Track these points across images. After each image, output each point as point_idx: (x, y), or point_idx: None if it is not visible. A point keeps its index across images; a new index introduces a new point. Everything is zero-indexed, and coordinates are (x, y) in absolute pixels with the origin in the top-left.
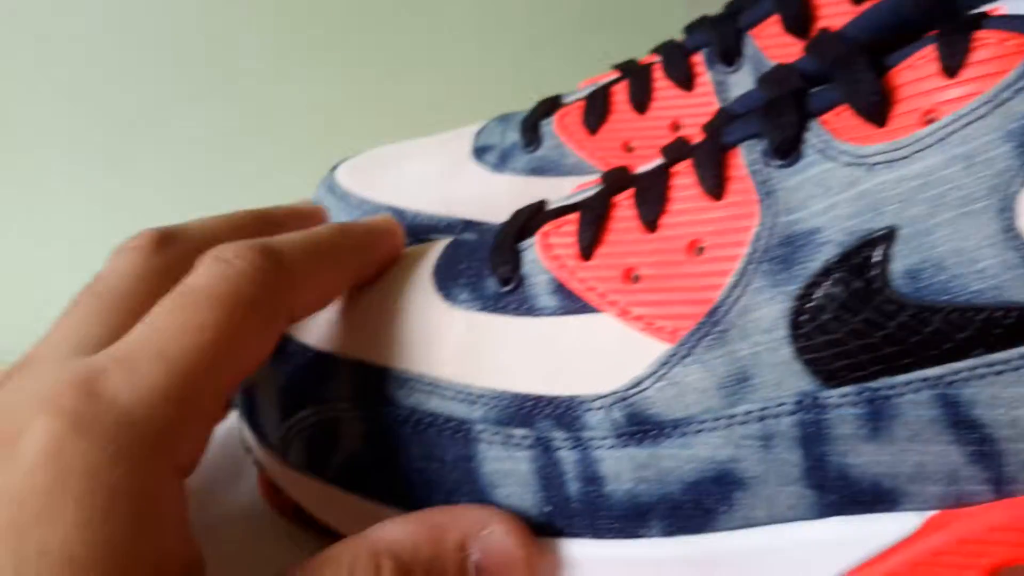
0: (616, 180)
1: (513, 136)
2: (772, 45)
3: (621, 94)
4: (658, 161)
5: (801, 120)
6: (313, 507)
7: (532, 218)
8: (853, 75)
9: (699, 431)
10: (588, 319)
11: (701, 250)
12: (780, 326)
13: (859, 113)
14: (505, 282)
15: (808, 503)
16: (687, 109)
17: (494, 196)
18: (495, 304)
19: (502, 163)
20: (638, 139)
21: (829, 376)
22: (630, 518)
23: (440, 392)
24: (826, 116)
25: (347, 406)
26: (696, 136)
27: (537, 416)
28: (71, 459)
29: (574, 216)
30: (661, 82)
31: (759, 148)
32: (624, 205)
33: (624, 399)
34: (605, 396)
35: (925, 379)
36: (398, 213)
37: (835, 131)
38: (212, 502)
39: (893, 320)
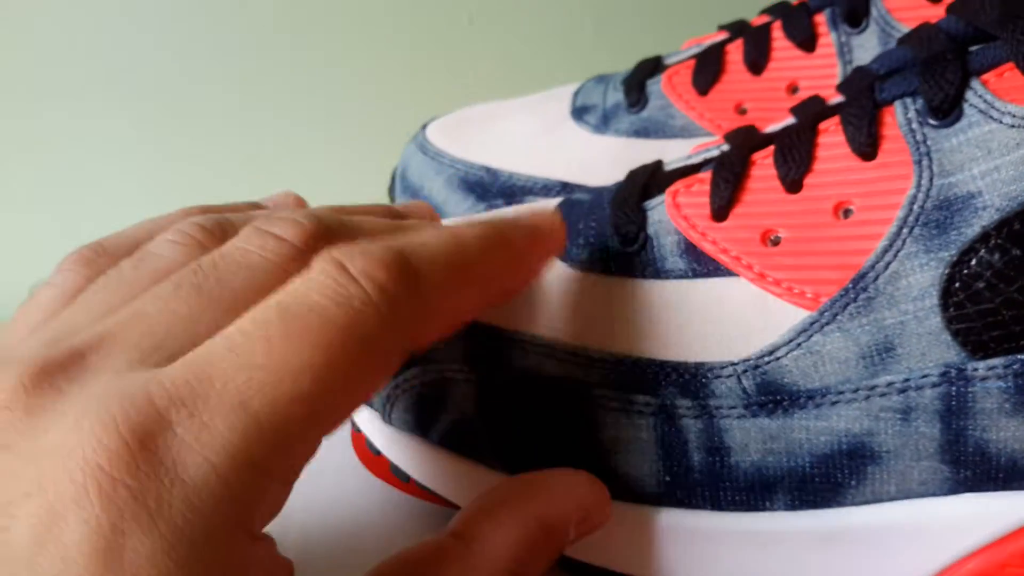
0: (749, 138)
1: (616, 96)
2: (901, 7)
3: (735, 54)
4: (788, 121)
5: (963, 78)
6: (414, 469)
7: (653, 177)
8: (1021, 33)
9: (835, 403)
10: (720, 282)
11: (848, 212)
12: (931, 294)
13: None
14: (629, 242)
15: (941, 478)
16: (806, 71)
17: (594, 158)
18: (618, 265)
19: (604, 124)
20: (752, 101)
21: (978, 347)
22: (755, 490)
23: (556, 355)
24: (988, 75)
25: (459, 367)
26: (829, 97)
27: (661, 383)
28: (128, 563)
29: (706, 175)
30: (780, 42)
31: (915, 107)
32: (763, 164)
33: (757, 367)
34: (736, 364)
35: None
36: (492, 173)
37: (998, 91)
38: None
39: None
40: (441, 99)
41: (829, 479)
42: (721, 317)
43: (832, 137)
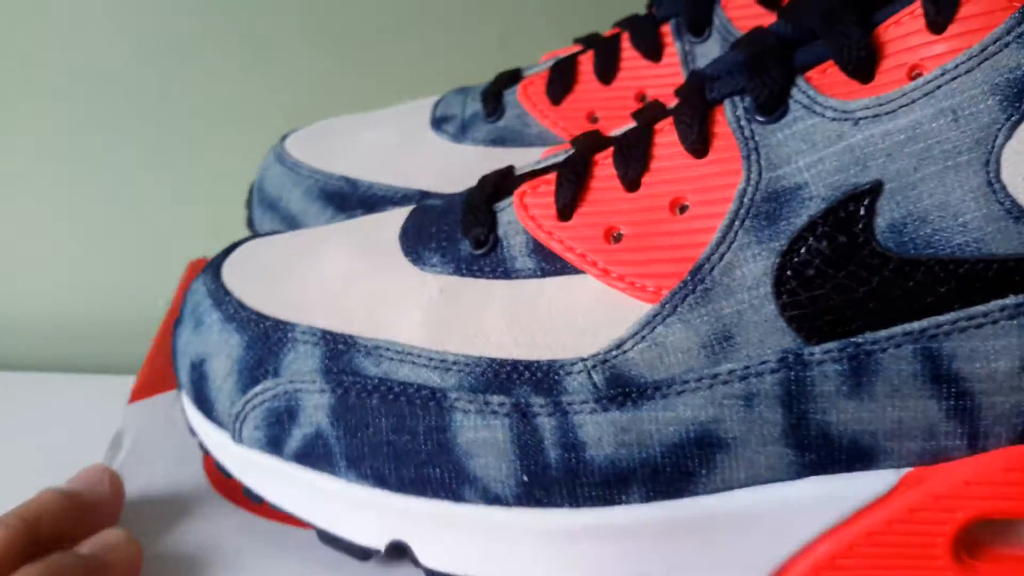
0: (593, 141)
1: (474, 106)
2: (742, 16)
3: (586, 64)
4: (630, 125)
5: (787, 75)
6: (267, 489)
7: (503, 181)
8: (840, 31)
9: (681, 392)
10: (568, 280)
11: (684, 208)
12: (764, 283)
13: (845, 69)
14: (479, 244)
15: (787, 463)
16: (653, 79)
17: (453, 166)
18: (469, 267)
19: (462, 133)
20: (603, 109)
21: (812, 333)
22: (610, 484)
23: (411, 360)
24: (811, 73)
25: (311, 378)
26: (668, 102)
27: (515, 382)
28: None
29: (551, 176)
30: (628, 52)
31: (743, 104)
32: (604, 164)
33: (605, 361)
34: (586, 359)
35: (907, 333)
36: (351, 183)
37: (820, 87)
38: (156, 489)
39: (877, 275)
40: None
41: (680, 468)
42: (570, 314)
43: (667, 137)
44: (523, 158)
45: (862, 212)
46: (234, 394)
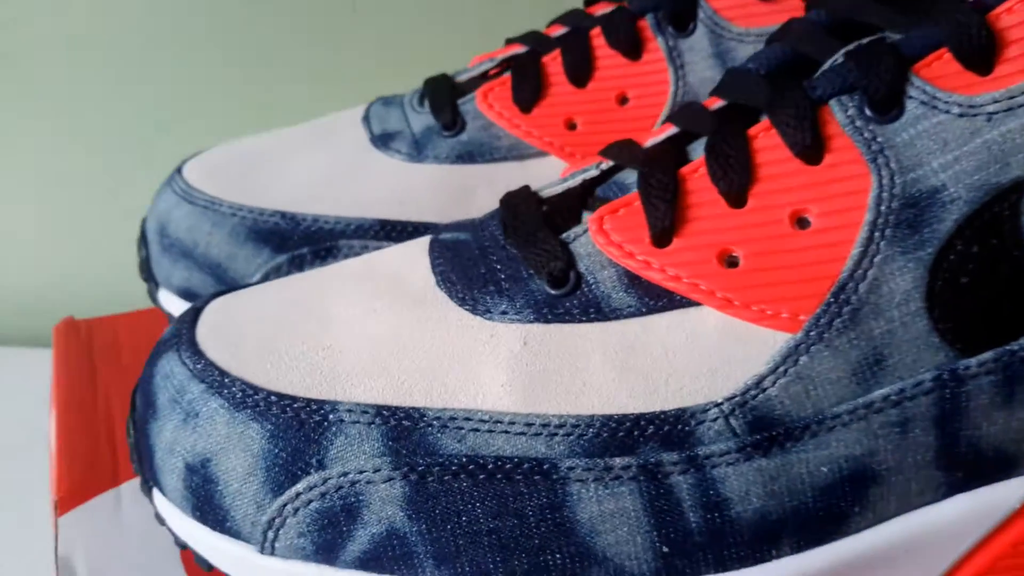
0: (662, 154)
1: (424, 120)
2: (728, 6)
3: (555, 66)
4: (671, 131)
5: (900, 69)
6: None
7: (542, 205)
8: (955, 18)
9: (833, 427)
10: (680, 315)
11: (806, 222)
12: (915, 297)
13: (964, 60)
14: (558, 282)
15: (936, 485)
16: (634, 79)
17: (414, 190)
18: (552, 311)
19: (418, 152)
20: (581, 115)
21: (968, 344)
22: (760, 540)
23: (504, 429)
24: (919, 65)
25: (371, 466)
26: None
27: (639, 440)
28: None
29: (630, 198)
30: (603, 50)
31: (853, 103)
32: (697, 179)
33: (744, 403)
34: (720, 403)
35: None
36: (290, 219)
37: (935, 80)
38: None
39: None
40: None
41: (833, 511)
42: (691, 353)
43: (767, 142)
44: (495, 175)
45: (1007, 212)
46: (261, 497)
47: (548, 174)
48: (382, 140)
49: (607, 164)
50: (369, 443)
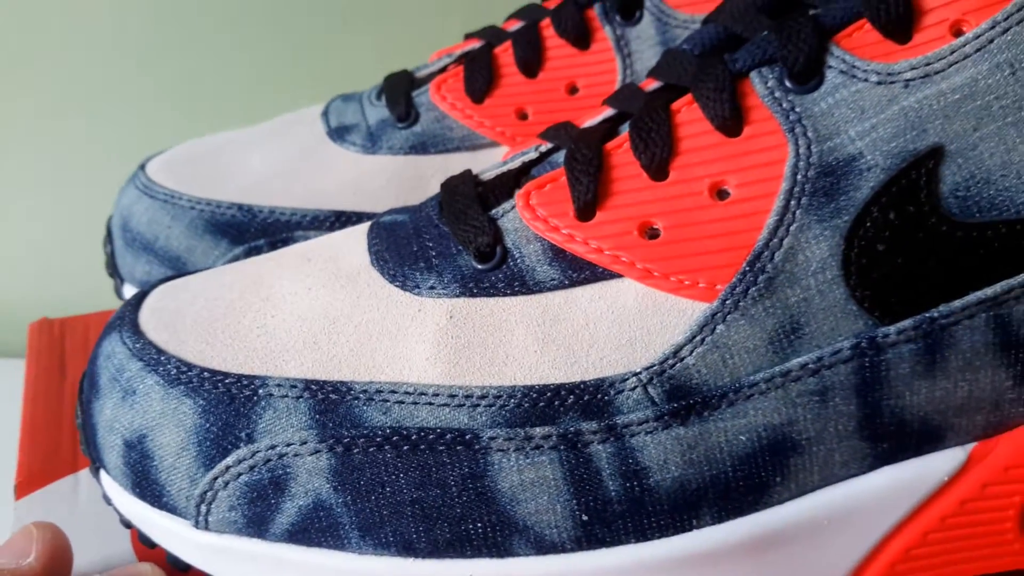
0: (588, 132)
1: (379, 112)
2: None
3: (506, 57)
4: (607, 112)
5: (820, 40)
6: None
7: (478, 186)
8: None
9: (750, 396)
10: (602, 287)
11: (725, 193)
12: (831, 265)
13: (882, 29)
14: (485, 257)
15: (861, 456)
16: (583, 68)
17: (368, 181)
18: (478, 285)
19: (372, 143)
20: (532, 104)
21: (886, 312)
22: (680, 509)
23: (427, 401)
24: (839, 36)
25: (298, 438)
26: (644, 85)
27: (559, 409)
28: None
29: (556, 173)
30: (553, 41)
31: (773, 75)
32: (620, 154)
33: (662, 372)
34: (639, 373)
35: (980, 301)
36: (247, 210)
37: (854, 50)
38: None
39: (947, 243)
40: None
41: (753, 481)
42: (612, 324)
43: (689, 116)
44: (447, 164)
45: (924, 178)
46: (194, 472)
47: None
48: (338, 133)
49: (545, 147)
50: (297, 416)
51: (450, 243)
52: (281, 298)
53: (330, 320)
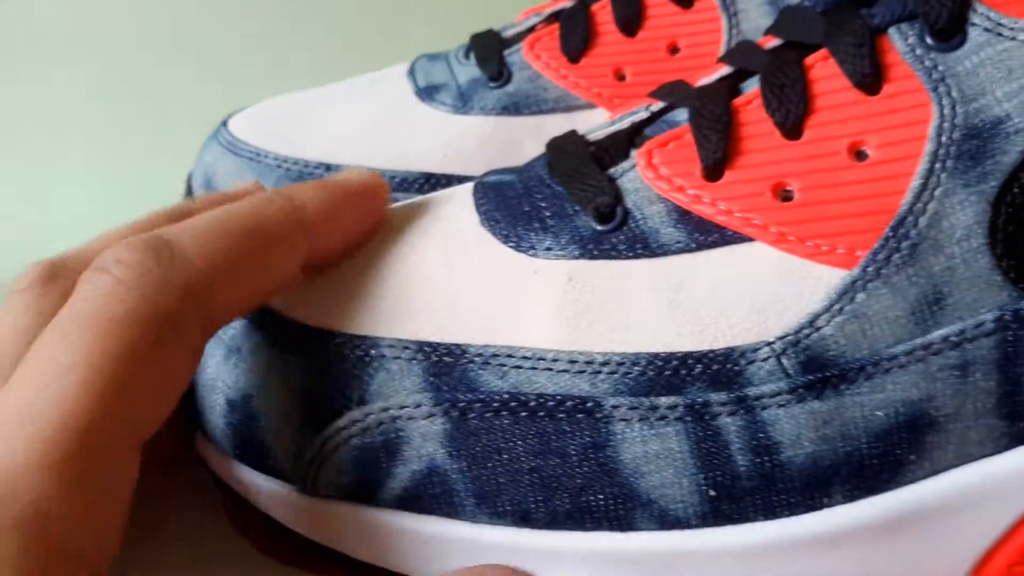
0: (713, 89)
1: (470, 71)
2: None
3: (604, 15)
4: (724, 70)
5: None
6: (361, 545)
7: (588, 146)
8: None
9: (889, 369)
10: (731, 251)
11: (863, 154)
12: (977, 233)
13: None
14: (604, 218)
15: (997, 435)
16: (686, 27)
17: (459, 141)
18: (598, 247)
19: (464, 103)
20: (630, 64)
21: None
22: (811, 487)
23: (547, 366)
24: None
25: (415, 402)
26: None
27: (686, 379)
28: None
29: (681, 130)
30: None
31: (914, 32)
32: (751, 110)
33: (797, 343)
34: (772, 342)
35: None
36: (332, 170)
37: (999, 6)
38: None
39: None
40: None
41: (888, 459)
42: (743, 290)
43: (825, 71)
44: (544, 126)
45: None
46: (303, 434)
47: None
48: (427, 92)
49: (657, 106)
50: (410, 379)
51: (565, 203)
52: (389, 259)
53: (442, 282)
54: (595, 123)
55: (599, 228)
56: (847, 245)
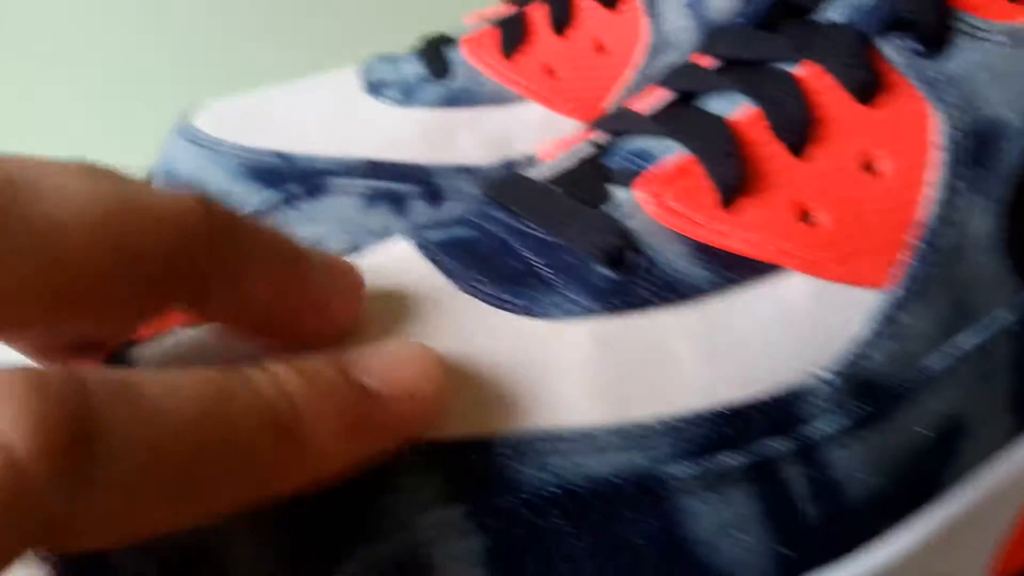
0: (702, 115)
1: (415, 69)
2: None
3: (538, 16)
4: (668, 96)
5: (940, 1)
6: None
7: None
8: None
9: (926, 383)
10: (764, 285)
11: (873, 168)
12: (995, 237)
13: None
14: (616, 263)
15: (1007, 429)
16: (611, 27)
17: (401, 131)
18: (618, 299)
19: (408, 97)
20: (560, 61)
21: None
22: (871, 518)
23: (593, 444)
24: None
25: (441, 518)
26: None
27: (743, 431)
28: None
29: (684, 162)
30: (584, 1)
31: (903, 40)
32: (757, 131)
33: (852, 373)
34: (824, 377)
35: None
36: (285, 159)
37: (976, 10)
38: None
39: None
40: None
41: (925, 472)
42: (784, 325)
43: (822, 85)
44: (478, 119)
45: None
46: None
47: (528, 118)
48: (375, 87)
49: (603, 139)
50: (430, 491)
51: (563, 254)
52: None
53: (450, 367)
54: (527, 114)
55: (614, 277)
56: (879, 263)
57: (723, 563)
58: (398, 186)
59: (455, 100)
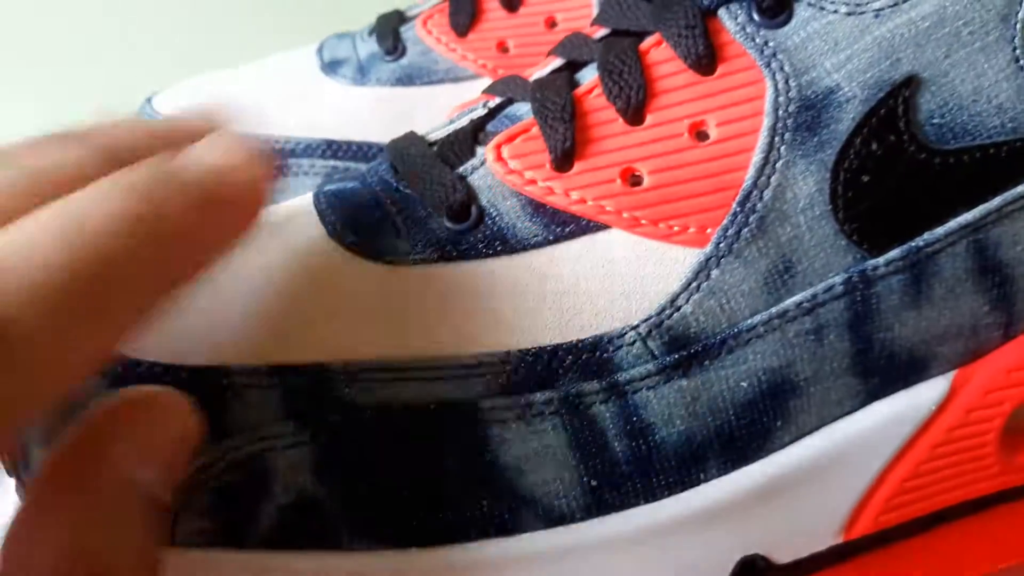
0: (550, 81)
1: (369, 47)
2: None
3: None
4: (554, 63)
5: None
6: None
7: (431, 146)
8: None
9: (748, 340)
10: (588, 241)
11: (704, 134)
12: (819, 200)
13: None
14: (458, 217)
15: (854, 393)
16: (563, 3)
17: (356, 111)
18: (455, 248)
19: (362, 76)
20: (514, 38)
21: (874, 244)
22: (686, 465)
23: (417, 374)
24: None
25: (278, 431)
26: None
27: (557, 371)
28: None
29: (527, 123)
30: None
31: (742, 10)
32: (592, 100)
33: (660, 324)
34: (636, 326)
35: (963, 227)
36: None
37: None
38: None
39: (927, 170)
40: None
41: (755, 427)
42: (603, 278)
43: (660, 55)
44: (431, 96)
45: (902, 107)
46: None
47: None
48: (331, 67)
49: (494, 102)
50: (270, 407)
51: (417, 206)
52: (236, 281)
53: (293, 300)
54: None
55: (454, 228)
56: (698, 224)
57: (527, 486)
58: (357, 165)
59: (409, 78)
